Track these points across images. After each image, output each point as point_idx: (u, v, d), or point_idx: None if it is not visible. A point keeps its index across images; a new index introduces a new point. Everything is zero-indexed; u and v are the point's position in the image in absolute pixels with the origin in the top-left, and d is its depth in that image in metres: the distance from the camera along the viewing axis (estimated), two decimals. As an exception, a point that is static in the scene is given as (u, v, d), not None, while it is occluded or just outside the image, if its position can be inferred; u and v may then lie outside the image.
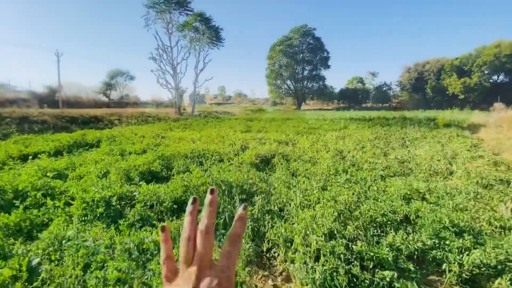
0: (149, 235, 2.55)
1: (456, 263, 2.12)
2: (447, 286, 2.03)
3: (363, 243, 2.23)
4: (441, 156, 5.77)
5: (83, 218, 3.04)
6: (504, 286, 1.91)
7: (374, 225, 2.66)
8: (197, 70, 24.98)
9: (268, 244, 2.58)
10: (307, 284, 1.96)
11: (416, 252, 2.28)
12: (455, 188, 3.92)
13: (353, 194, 3.37)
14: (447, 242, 2.42)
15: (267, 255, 2.50)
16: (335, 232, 2.45)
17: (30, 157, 6.29)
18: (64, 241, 2.50)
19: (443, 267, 2.14)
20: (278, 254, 2.47)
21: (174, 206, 3.20)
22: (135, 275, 1.95)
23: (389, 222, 2.72)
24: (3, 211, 3.14)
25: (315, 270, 2.03)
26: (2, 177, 4.31)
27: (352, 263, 2.08)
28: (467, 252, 2.25)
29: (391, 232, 2.49)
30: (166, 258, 0.37)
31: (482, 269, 2.08)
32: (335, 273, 2.00)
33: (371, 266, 2.07)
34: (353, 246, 2.22)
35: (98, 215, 3.11)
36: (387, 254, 2.13)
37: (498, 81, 35.47)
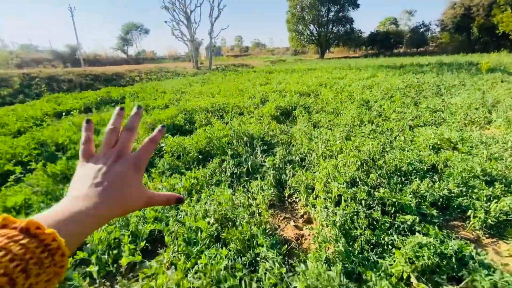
0: (179, 181, 2.76)
1: (482, 210, 2.09)
2: (469, 231, 2.05)
3: (385, 189, 2.24)
4: (480, 104, 5.26)
5: (118, 167, 3.32)
6: (532, 232, 1.88)
7: (398, 174, 2.63)
8: (212, 19, 23.43)
9: (290, 190, 2.69)
10: (327, 226, 2.06)
11: (440, 199, 2.26)
12: (491, 137, 3.65)
13: (378, 144, 3.27)
14: (475, 190, 2.36)
15: (289, 200, 2.63)
16: (357, 180, 2.47)
17: (63, 114, 6.71)
18: (105, 187, 2.79)
19: (468, 213, 2.13)
20: (300, 200, 2.58)
21: (200, 156, 3.35)
22: (170, 214, 2.17)
23: (414, 171, 2.66)
24: (49, 161, 3.49)
25: (335, 214, 2.11)
26: (43, 133, 4.70)
27: (373, 208, 2.12)
28: (495, 200, 2.19)
29: (416, 181, 2.45)
30: (86, 141, 0.45)
31: (510, 216, 2.04)
32: (355, 216, 2.07)
33: (392, 211, 2.10)
34: (375, 192, 2.24)
35: (131, 164, 3.37)
36: (410, 201, 2.14)
37: None
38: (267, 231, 2.03)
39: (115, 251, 2.00)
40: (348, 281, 1.52)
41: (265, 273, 1.57)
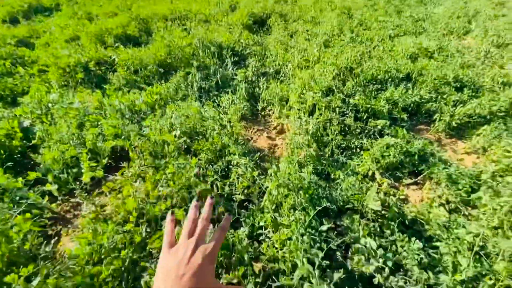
0: (139, 97, 2.44)
1: (448, 113, 2.15)
2: (433, 133, 2.15)
3: (360, 96, 2.16)
4: (461, 14, 5.01)
5: (63, 84, 2.83)
6: (488, 132, 2.01)
7: (374, 82, 2.54)
8: None
9: (263, 103, 2.54)
10: (300, 134, 2.02)
11: (411, 105, 2.27)
12: (467, 47, 3.59)
13: (357, 53, 3.05)
14: (445, 96, 2.38)
15: (262, 113, 2.51)
16: (333, 89, 2.35)
17: (-19, 24, 5.31)
18: (50, 105, 2.40)
19: (434, 117, 2.19)
20: (273, 112, 2.47)
21: (160, 69, 2.92)
22: (130, 128, 1.96)
23: (390, 79, 2.59)
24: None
25: (309, 123, 2.05)
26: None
27: (347, 115, 2.08)
28: (461, 105, 2.25)
29: (391, 88, 2.40)
30: (171, 231, 0.52)
31: (473, 118, 2.13)
32: (328, 124, 2.04)
33: (364, 117, 2.09)
34: (350, 100, 2.17)
35: (79, 81, 2.88)
36: (383, 106, 2.12)
37: None
38: (239, 141, 1.95)
39: (74, 170, 1.84)
40: (318, 179, 1.56)
41: (238, 178, 1.55)
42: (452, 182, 1.61)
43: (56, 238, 1.48)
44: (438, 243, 1.22)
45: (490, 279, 1.00)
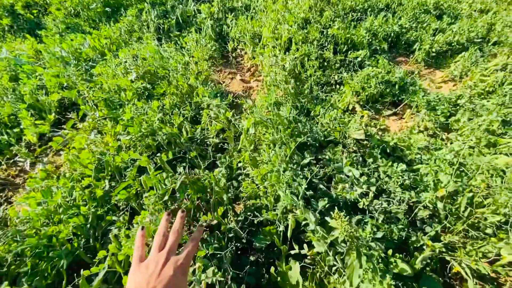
0: (84, 41, 2.04)
1: (428, 42, 2.05)
2: (412, 64, 2.07)
3: (340, 25, 1.97)
4: None
5: (-16, 32, 2.30)
6: (465, 58, 1.96)
7: (353, 12, 2.32)
8: None
9: (234, 43, 2.26)
10: (276, 74, 1.84)
11: (392, 35, 2.13)
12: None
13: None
14: (425, 25, 2.26)
15: (233, 54, 2.25)
16: (310, 20, 2.11)
17: None
18: (-30, 56, 1.94)
19: (414, 47, 2.09)
20: (245, 52, 2.22)
21: (107, 9, 2.44)
22: (73, 72, 1.65)
23: (369, 9, 2.38)
24: None
25: (285, 59, 1.85)
26: None
27: (325, 47, 1.91)
28: (441, 34, 2.15)
29: (371, 17, 2.21)
30: (141, 245, 0.51)
31: (453, 44, 2.06)
32: (306, 59, 1.86)
33: (344, 50, 1.92)
34: (328, 30, 1.97)
35: (6, 28, 2.35)
36: (363, 36, 1.95)
37: None
38: (209, 83, 1.73)
39: (16, 130, 1.56)
40: (297, 114, 1.44)
41: (210, 121, 1.39)
42: (431, 108, 1.58)
43: (6, 204, 1.29)
44: (419, 166, 1.21)
45: (471, 191, 1.01)
